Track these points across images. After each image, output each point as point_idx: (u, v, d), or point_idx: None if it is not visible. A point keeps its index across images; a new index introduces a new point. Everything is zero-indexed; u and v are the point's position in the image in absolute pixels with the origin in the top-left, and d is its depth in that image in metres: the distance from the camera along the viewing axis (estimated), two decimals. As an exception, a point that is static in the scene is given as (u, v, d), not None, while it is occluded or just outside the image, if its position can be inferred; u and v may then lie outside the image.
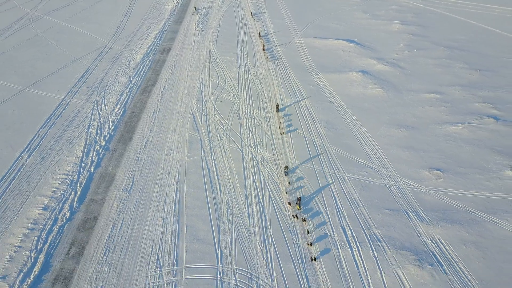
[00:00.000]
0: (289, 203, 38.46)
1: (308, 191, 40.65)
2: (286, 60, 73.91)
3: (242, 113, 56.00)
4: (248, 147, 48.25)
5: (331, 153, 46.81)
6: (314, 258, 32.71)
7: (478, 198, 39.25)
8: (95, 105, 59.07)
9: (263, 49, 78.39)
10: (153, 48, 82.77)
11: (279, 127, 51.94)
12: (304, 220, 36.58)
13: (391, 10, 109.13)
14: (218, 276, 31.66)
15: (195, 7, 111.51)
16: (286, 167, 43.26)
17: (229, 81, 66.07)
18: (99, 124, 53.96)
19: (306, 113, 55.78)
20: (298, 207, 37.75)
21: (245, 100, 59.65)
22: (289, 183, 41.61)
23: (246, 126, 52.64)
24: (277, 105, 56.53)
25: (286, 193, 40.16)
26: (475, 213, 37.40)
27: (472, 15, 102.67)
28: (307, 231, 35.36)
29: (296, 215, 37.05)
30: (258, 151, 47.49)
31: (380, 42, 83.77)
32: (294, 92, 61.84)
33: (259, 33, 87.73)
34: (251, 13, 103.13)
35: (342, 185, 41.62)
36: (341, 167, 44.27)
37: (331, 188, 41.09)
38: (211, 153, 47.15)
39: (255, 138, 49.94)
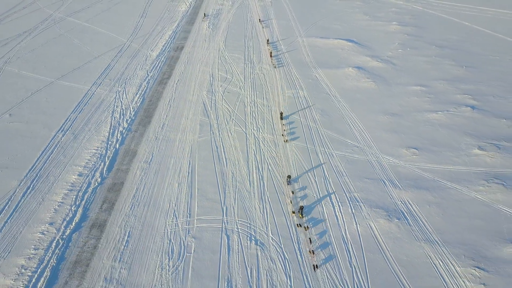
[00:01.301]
0: (293, 212, 39.77)
1: (302, 168, 47.72)
2: (289, 57, 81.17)
3: (247, 102, 63.34)
4: (251, 129, 55.54)
5: (323, 135, 53.88)
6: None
7: (446, 171, 46.00)
8: (117, 95, 66.84)
9: (271, 56, 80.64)
10: (167, 46, 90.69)
11: (282, 135, 53.55)
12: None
13: (391, 12, 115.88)
14: (223, 225, 38.91)
15: (204, 13, 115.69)
16: (289, 176, 44.37)
17: (236, 75, 73.50)
18: (121, 110, 61.71)
19: (303, 102, 62.89)
20: (300, 215, 39.20)
21: (250, 91, 66.99)
22: (292, 192, 42.28)
23: (250, 113, 59.94)
24: (281, 113, 58.09)
25: (291, 202, 40.96)
26: (441, 182, 44.17)
27: (466, 17, 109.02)
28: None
29: (299, 224, 38.58)
30: (260, 133, 54.73)
31: (377, 41, 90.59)
32: (294, 85, 68.97)
33: (267, 40, 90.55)
34: (259, 19, 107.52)
35: (330, 160, 48.65)
36: (331, 146, 51.30)
37: (320, 162, 48.14)
38: (219, 134, 54.53)
39: (257, 123, 57.22)
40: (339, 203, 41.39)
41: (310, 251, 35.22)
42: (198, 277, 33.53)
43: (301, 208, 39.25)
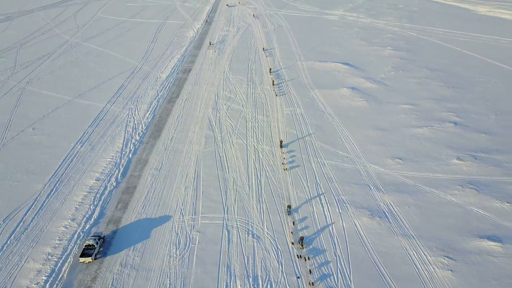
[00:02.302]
0: (292, 243, 40.78)
1: (299, 179, 52.91)
2: (288, 79, 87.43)
3: (249, 118, 69.12)
4: (251, 142, 61.07)
5: (317, 147, 59.20)
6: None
7: (426, 178, 50.95)
8: (130, 112, 72.98)
9: (273, 84, 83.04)
10: (176, 69, 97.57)
11: (282, 163, 55.20)
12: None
13: (387, 38, 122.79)
14: (225, 222, 43.95)
15: (210, 42, 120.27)
16: (289, 206, 45.96)
17: (239, 94, 79.63)
18: (134, 125, 67.67)
19: (300, 118, 68.54)
20: (300, 246, 40.14)
21: (252, 108, 72.88)
22: (293, 223, 43.13)
23: (251, 128, 65.61)
24: (281, 141, 60.06)
25: (292, 233, 41.66)
26: (421, 187, 49.09)
27: (458, 43, 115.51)
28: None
29: (299, 255, 39.36)
30: (259, 145, 60.22)
31: (372, 65, 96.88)
32: (292, 103, 74.84)
33: (270, 69, 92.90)
34: (263, 48, 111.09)
35: (322, 168, 53.84)
36: (323, 156, 56.58)
37: (313, 170, 53.33)
38: (222, 145, 60.09)
39: (257, 136, 62.79)
40: (328, 204, 46.37)
41: (310, 283, 35.78)
42: (201, 264, 38.44)
43: (301, 239, 40.89)
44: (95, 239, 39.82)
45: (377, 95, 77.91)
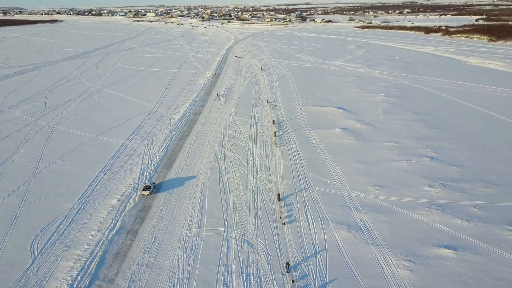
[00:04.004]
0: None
1: (290, 199, 61.52)
2: (288, 122, 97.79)
3: (250, 152, 78.70)
4: (251, 172, 70.22)
5: (308, 176, 68.04)
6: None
7: (400, 201, 59.15)
8: (146, 147, 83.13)
9: (275, 135, 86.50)
10: (188, 112, 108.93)
11: (280, 217, 55.61)
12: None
13: (380, 86, 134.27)
14: (225, 233, 52.29)
15: (217, 94, 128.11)
16: (287, 263, 46.94)
17: (243, 133, 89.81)
18: (149, 158, 77.50)
19: (295, 153, 77.88)
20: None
21: (253, 145, 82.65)
22: (292, 280, 44.33)
23: (252, 160, 75.00)
24: (278, 194, 60.92)
25: None
26: (394, 208, 57.23)
27: (445, 90, 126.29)
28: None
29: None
30: (258, 174, 69.29)
31: (364, 109, 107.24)
32: (289, 141, 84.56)
33: (273, 121, 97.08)
34: (267, 101, 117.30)
35: (311, 193, 62.43)
36: (312, 183, 65.32)
37: (303, 194, 61.93)
38: (226, 174, 69.28)
39: (257, 167, 72.01)
40: (313, 221, 54.60)
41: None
42: (204, 264, 46.55)
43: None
44: (151, 183, 63.80)
45: (365, 135, 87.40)
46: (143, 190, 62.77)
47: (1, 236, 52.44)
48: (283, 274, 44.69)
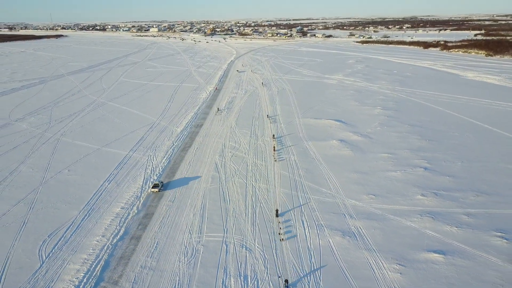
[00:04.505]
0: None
1: (287, 207, 63.93)
2: (287, 134, 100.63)
3: (249, 163, 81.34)
4: (250, 181, 72.75)
5: (305, 185, 70.53)
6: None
7: (393, 209, 61.49)
8: (149, 158, 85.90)
9: (274, 150, 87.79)
10: (189, 124, 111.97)
11: (279, 233, 55.93)
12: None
13: (378, 99, 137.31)
14: (224, 238, 54.63)
15: (218, 108, 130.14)
16: (286, 281, 47.31)
17: (243, 144, 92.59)
18: (152, 168, 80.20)
19: (293, 164, 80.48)
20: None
21: (252, 155, 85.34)
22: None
23: (251, 170, 77.59)
24: (277, 210, 61.14)
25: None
26: (387, 215, 59.55)
27: (441, 103, 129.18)
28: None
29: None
30: (257, 183, 71.81)
31: (361, 121, 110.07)
32: (287, 152, 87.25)
33: (273, 135, 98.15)
34: (267, 115, 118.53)
35: (307, 201, 64.86)
36: (309, 192, 67.74)
37: (300, 203, 64.33)
38: (226, 184, 71.82)
39: (256, 177, 74.57)
40: (309, 227, 56.93)
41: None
42: (204, 267, 48.84)
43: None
44: (159, 182, 70.48)
45: (362, 146, 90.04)
46: (153, 187, 69.35)
47: (10, 241, 54.94)
48: (279, 277, 46.88)
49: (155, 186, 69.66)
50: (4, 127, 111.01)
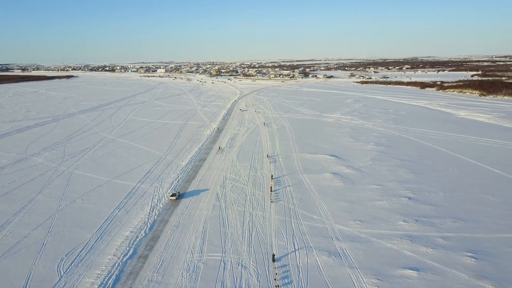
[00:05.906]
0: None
1: (281, 233, 70.47)
2: (284, 167, 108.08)
3: (248, 193, 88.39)
4: (248, 209, 79.58)
5: (298, 213, 77.20)
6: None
7: (376, 233, 67.82)
8: (156, 189, 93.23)
9: (271, 190, 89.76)
10: (194, 158, 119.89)
11: (275, 279, 55.63)
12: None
13: (371, 136, 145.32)
14: (222, 258, 61.02)
15: (219, 147, 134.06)
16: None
17: (242, 176, 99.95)
18: (158, 198, 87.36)
19: (288, 194, 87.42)
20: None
21: (251, 186, 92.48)
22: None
23: (249, 199, 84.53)
24: (273, 255, 61.40)
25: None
26: (370, 238, 65.87)
27: (431, 140, 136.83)
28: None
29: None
30: (254, 211, 78.58)
31: (354, 156, 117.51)
32: (283, 183, 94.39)
33: (272, 176, 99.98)
34: (267, 155, 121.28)
35: (299, 226, 71.37)
36: (301, 218, 74.35)
37: (293, 227, 70.86)
38: (225, 211, 78.67)
39: (253, 205, 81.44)
40: (299, 248, 63.29)
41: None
42: (204, 281, 55.10)
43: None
44: (177, 192, 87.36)
45: (353, 178, 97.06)
46: (171, 196, 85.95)
47: (32, 259, 61.58)
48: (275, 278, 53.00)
49: (173, 195, 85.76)
50: (22, 161, 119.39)
